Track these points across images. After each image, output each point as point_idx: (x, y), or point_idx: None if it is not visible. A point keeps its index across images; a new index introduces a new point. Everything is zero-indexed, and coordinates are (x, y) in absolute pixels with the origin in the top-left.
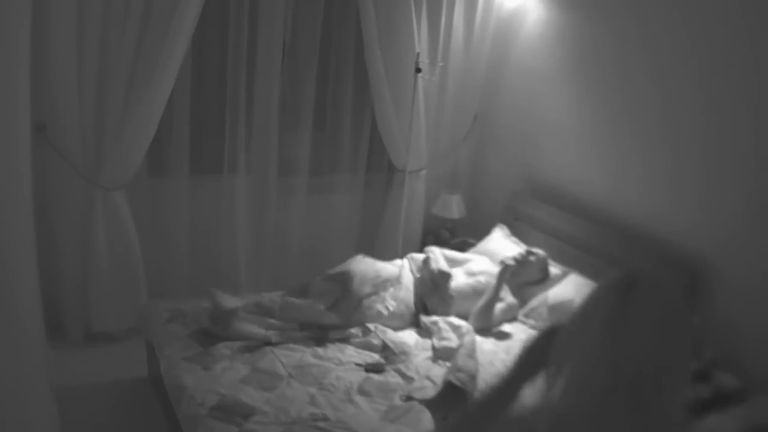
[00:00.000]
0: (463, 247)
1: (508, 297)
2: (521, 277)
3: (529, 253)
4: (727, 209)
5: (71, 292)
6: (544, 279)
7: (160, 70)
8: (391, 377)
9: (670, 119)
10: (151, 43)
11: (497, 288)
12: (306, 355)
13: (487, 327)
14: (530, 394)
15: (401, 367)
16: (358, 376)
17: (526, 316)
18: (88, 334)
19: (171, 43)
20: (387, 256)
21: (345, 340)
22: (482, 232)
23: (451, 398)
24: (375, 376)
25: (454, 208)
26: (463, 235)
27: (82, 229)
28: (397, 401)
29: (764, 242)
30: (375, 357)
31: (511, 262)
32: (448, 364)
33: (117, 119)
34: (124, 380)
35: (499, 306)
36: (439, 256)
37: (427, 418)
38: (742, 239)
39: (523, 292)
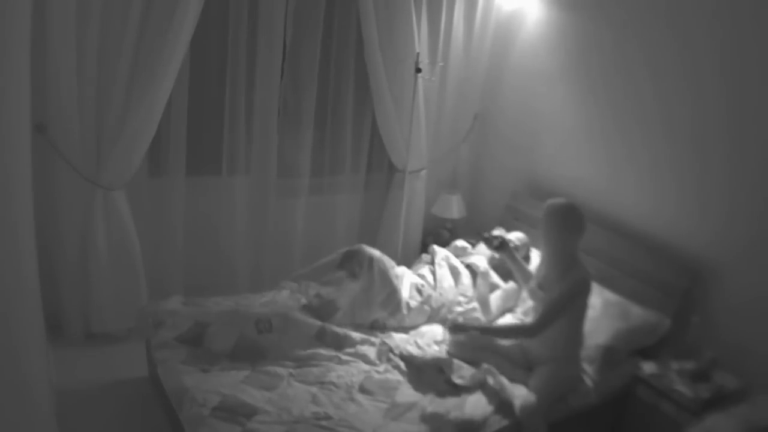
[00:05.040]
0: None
1: (502, 284)
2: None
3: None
4: (728, 210)
5: (71, 292)
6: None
7: (160, 70)
8: (391, 375)
9: (671, 120)
10: (151, 43)
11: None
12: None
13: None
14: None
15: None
16: (358, 374)
17: (525, 314)
18: (88, 334)
19: (171, 44)
20: (387, 256)
21: None
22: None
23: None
24: (375, 375)
25: (454, 208)
26: (463, 236)
27: (82, 229)
28: (399, 398)
29: (764, 244)
30: None
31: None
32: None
33: (117, 119)
34: (124, 380)
35: (497, 294)
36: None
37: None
38: (742, 241)
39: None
